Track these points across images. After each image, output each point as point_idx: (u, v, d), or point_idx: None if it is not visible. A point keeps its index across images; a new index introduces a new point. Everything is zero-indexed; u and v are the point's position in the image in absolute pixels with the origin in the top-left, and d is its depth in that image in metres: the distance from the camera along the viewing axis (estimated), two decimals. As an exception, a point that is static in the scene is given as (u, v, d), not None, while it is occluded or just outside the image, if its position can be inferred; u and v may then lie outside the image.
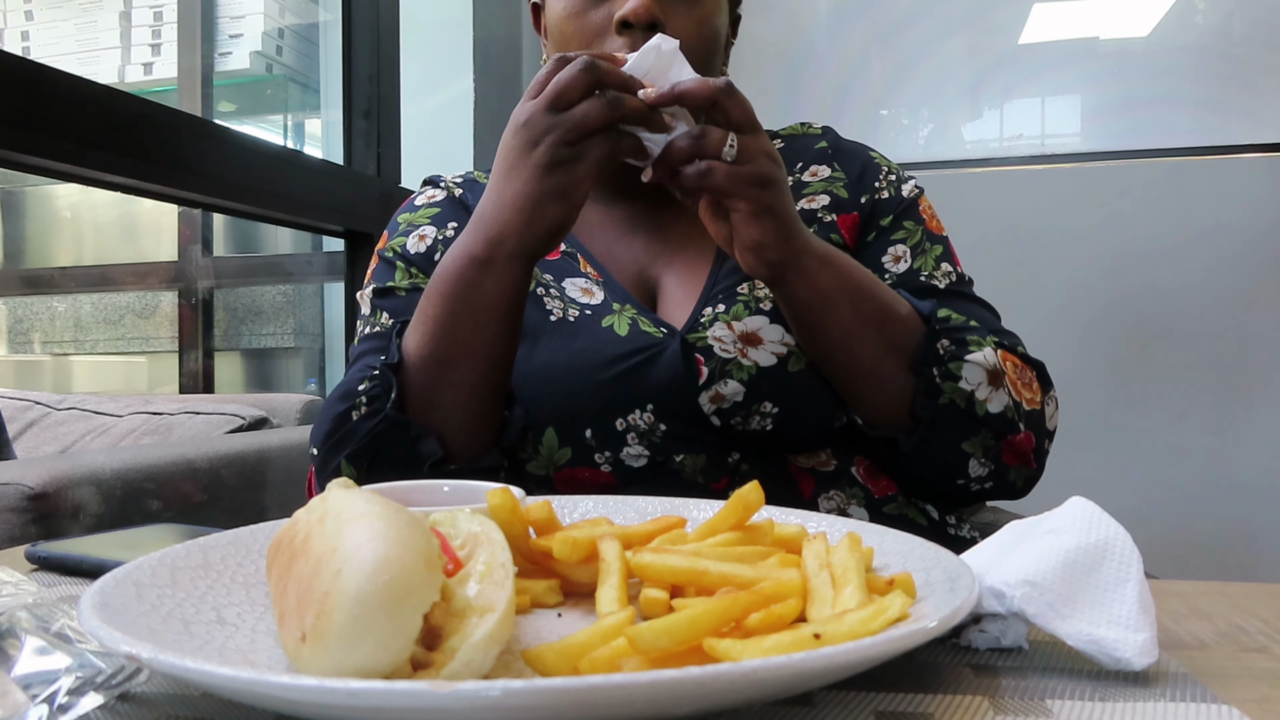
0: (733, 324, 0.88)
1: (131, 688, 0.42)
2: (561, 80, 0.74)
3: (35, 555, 0.69)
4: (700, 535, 0.55)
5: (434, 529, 0.44)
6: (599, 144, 0.75)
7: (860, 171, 1.00)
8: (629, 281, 0.95)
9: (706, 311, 0.89)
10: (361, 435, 0.81)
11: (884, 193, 0.99)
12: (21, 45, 3.16)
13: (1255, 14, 2.37)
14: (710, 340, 0.87)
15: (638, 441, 0.87)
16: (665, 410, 0.86)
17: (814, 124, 1.07)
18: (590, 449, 0.88)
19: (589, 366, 0.87)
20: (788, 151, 1.01)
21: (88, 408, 2.26)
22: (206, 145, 1.59)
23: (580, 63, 0.74)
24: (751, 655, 0.38)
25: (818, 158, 1.01)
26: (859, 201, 0.98)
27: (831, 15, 2.62)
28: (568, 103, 0.74)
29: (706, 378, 0.86)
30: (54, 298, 3.46)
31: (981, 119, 2.54)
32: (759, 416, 0.86)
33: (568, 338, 0.89)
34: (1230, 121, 2.38)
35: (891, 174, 1.01)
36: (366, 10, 2.18)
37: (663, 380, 0.86)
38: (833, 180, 0.99)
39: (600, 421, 0.87)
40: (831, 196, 0.97)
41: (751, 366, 0.86)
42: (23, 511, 1.37)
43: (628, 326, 0.89)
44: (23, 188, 3.53)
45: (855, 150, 1.03)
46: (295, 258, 3.02)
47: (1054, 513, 0.49)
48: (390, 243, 1.00)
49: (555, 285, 0.94)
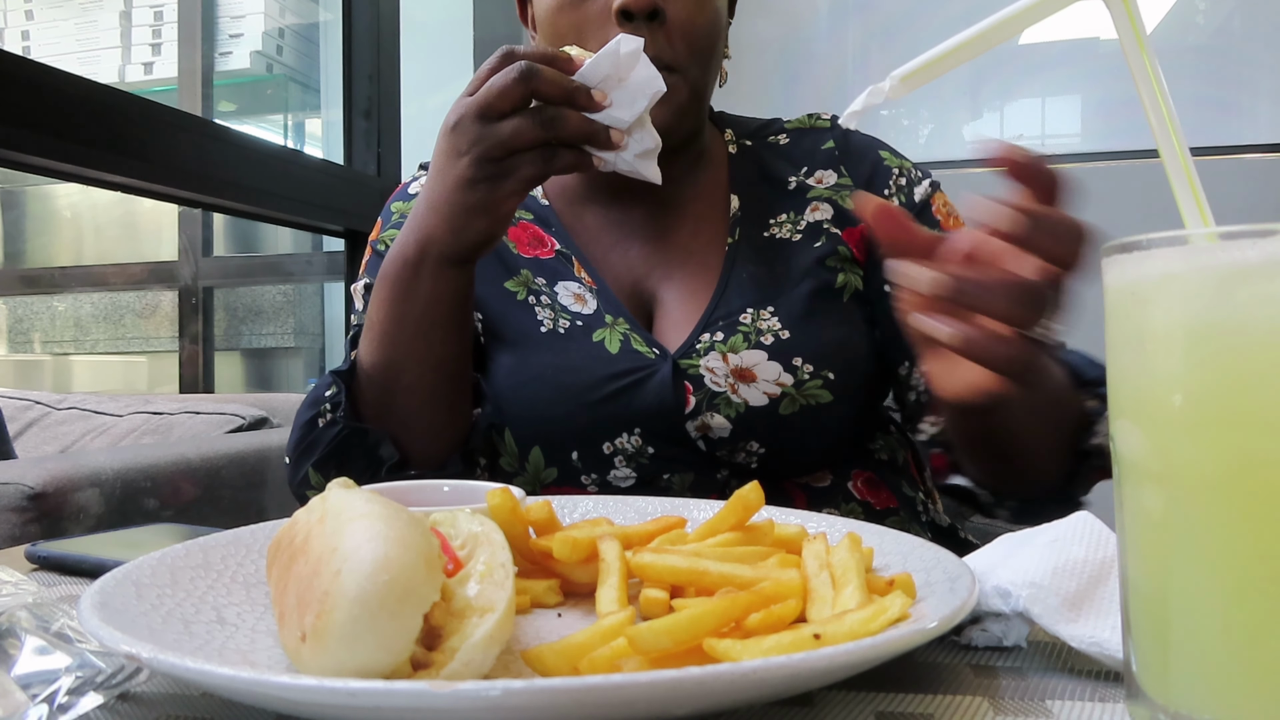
0: (728, 356, 0.83)
1: (131, 688, 0.42)
2: (493, 87, 0.67)
3: (35, 555, 0.69)
4: (700, 535, 0.55)
5: (434, 529, 0.44)
6: (528, 163, 0.68)
7: (869, 177, 0.93)
8: (624, 291, 0.90)
9: (704, 338, 0.85)
10: (325, 443, 0.80)
11: (894, 199, 0.91)
12: (21, 45, 3.16)
13: (1255, 14, 2.37)
14: (702, 370, 0.83)
15: (625, 464, 0.85)
16: (652, 434, 0.84)
17: (823, 115, 0.99)
18: (577, 470, 0.86)
19: (579, 387, 0.84)
20: (794, 150, 0.96)
21: (88, 408, 2.26)
22: (206, 145, 1.59)
23: (515, 70, 0.67)
24: (751, 655, 0.38)
25: (825, 160, 0.94)
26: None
27: (831, 15, 2.62)
28: (498, 113, 0.67)
29: (693, 407, 0.83)
30: (54, 298, 3.46)
31: (981, 119, 2.54)
32: (744, 453, 0.84)
33: (557, 351, 0.86)
34: (1230, 121, 2.38)
35: (902, 176, 0.93)
36: (366, 10, 2.18)
37: (650, 405, 0.83)
38: (839, 189, 0.92)
39: (587, 444, 0.85)
40: (835, 208, 0.91)
41: (741, 404, 0.82)
42: (23, 511, 1.37)
43: (619, 343, 0.85)
44: (23, 188, 3.53)
45: (864, 151, 0.95)
46: (295, 258, 3.02)
47: (1056, 525, 0.49)
48: (383, 233, 0.97)
49: (547, 290, 0.90)
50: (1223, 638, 0.32)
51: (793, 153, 0.96)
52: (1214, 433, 0.31)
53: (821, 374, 0.83)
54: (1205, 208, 0.38)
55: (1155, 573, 0.34)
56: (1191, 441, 0.32)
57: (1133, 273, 0.33)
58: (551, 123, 0.67)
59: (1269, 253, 0.30)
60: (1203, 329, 0.31)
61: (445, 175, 0.71)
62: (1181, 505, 0.32)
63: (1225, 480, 0.31)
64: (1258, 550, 0.31)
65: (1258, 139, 2.37)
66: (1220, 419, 0.31)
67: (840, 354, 0.85)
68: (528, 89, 0.67)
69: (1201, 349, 0.31)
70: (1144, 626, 0.35)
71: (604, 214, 0.94)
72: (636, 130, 0.70)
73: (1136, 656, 0.35)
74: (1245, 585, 0.31)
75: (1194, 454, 0.32)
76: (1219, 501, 0.31)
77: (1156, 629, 0.34)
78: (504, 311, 0.90)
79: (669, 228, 0.93)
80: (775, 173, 0.94)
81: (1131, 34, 0.40)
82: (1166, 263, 0.32)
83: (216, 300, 3.00)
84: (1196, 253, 0.32)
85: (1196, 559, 0.32)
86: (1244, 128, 2.38)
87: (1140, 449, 0.34)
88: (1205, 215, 0.38)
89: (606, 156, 0.70)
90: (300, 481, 0.82)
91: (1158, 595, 0.34)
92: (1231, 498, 0.31)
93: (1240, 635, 0.31)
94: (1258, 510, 0.31)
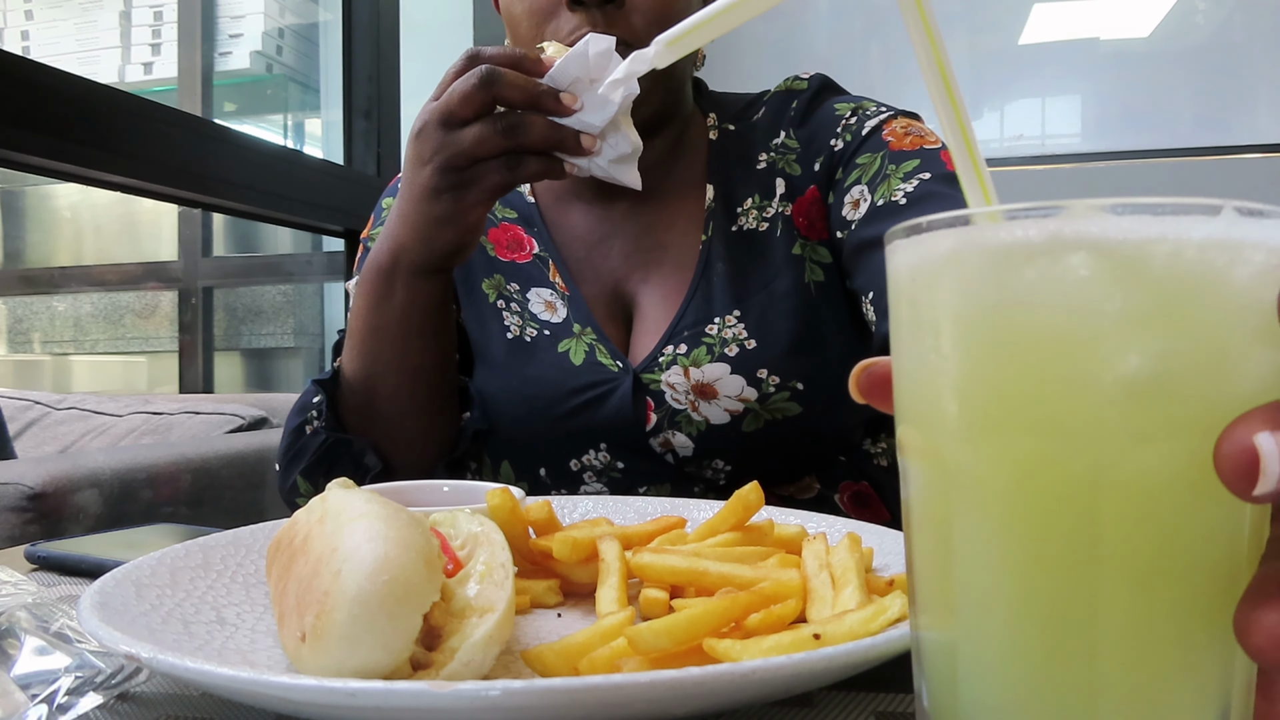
0: (689, 370, 0.79)
1: (131, 688, 0.42)
2: (454, 93, 0.64)
3: (35, 555, 0.69)
4: (700, 535, 0.55)
5: (434, 529, 0.44)
6: (492, 171, 0.66)
7: (813, 132, 0.85)
8: (600, 296, 0.87)
9: (667, 350, 0.81)
10: (311, 451, 0.79)
11: (839, 142, 0.83)
12: (21, 45, 3.16)
13: (1255, 14, 2.37)
14: (663, 385, 0.80)
15: (595, 479, 0.84)
16: (619, 447, 0.82)
17: (804, 74, 0.91)
18: (546, 486, 0.85)
19: (542, 400, 0.82)
20: (767, 122, 0.88)
21: (88, 408, 2.26)
22: (206, 145, 1.59)
23: (477, 75, 0.64)
24: (751, 655, 0.38)
25: (786, 124, 0.87)
26: (812, 170, 0.83)
27: (830, 15, 2.62)
28: (460, 120, 0.65)
29: (654, 424, 0.80)
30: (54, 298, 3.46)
31: (981, 119, 2.54)
32: (711, 470, 0.81)
33: (523, 360, 0.84)
34: (1230, 121, 2.38)
35: (853, 117, 0.84)
36: (366, 10, 2.18)
37: (612, 420, 0.80)
38: (784, 152, 0.85)
39: (555, 462, 0.84)
40: (785, 178, 0.84)
41: (701, 422, 0.79)
42: (23, 511, 1.37)
43: (583, 355, 0.82)
44: (23, 188, 3.53)
45: (820, 106, 0.87)
46: (295, 258, 3.02)
47: None
48: (373, 230, 0.95)
49: (518, 297, 0.87)
50: (1005, 671, 0.28)
51: (765, 125, 0.89)
52: (992, 428, 0.28)
53: (789, 385, 0.79)
54: (989, 186, 0.35)
55: (938, 603, 0.30)
56: (970, 441, 0.28)
57: (915, 257, 0.30)
58: (514, 129, 0.65)
59: (1051, 231, 0.27)
60: (985, 311, 0.28)
61: (412, 184, 0.69)
62: (964, 516, 0.29)
63: (1003, 478, 0.28)
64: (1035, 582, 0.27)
65: (1258, 139, 2.37)
66: (1001, 419, 0.28)
67: (811, 359, 0.80)
68: (489, 95, 0.64)
69: (983, 333, 0.28)
70: (933, 659, 0.31)
71: (588, 210, 0.91)
72: (611, 134, 0.67)
73: (928, 691, 0.32)
74: (1025, 618, 0.28)
75: (974, 452, 0.28)
76: (1002, 512, 0.28)
77: (945, 661, 0.30)
78: (477, 316, 0.89)
79: (650, 224, 0.88)
80: (748, 153, 0.88)
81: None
82: (949, 244, 0.28)
83: (216, 300, 3.00)
84: (978, 233, 0.28)
85: (978, 584, 0.29)
86: (1244, 128, 2.38)
87: (920, 451, 0.30)
88: (988, 194, 0.35)
89: (579, 162, 0.68)
90: (290, 489, 0.82)
91: (944, 638, 0.30)
92: (1016, 507, 0.27)
93: (1024, 667, 0.28)
94: (1042, 527, 0.27)
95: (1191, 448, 0.26)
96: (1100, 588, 0.27)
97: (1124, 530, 0.27)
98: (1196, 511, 0.27)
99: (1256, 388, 0.27)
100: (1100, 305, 0.26)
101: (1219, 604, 0.27)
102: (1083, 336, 0.27)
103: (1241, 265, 0.26)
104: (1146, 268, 0.26)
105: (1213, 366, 0.27)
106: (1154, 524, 0.27)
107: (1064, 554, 0.27)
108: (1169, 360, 0.27)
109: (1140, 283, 0.26)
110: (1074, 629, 0.27)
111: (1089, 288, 0.26)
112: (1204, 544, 0.27)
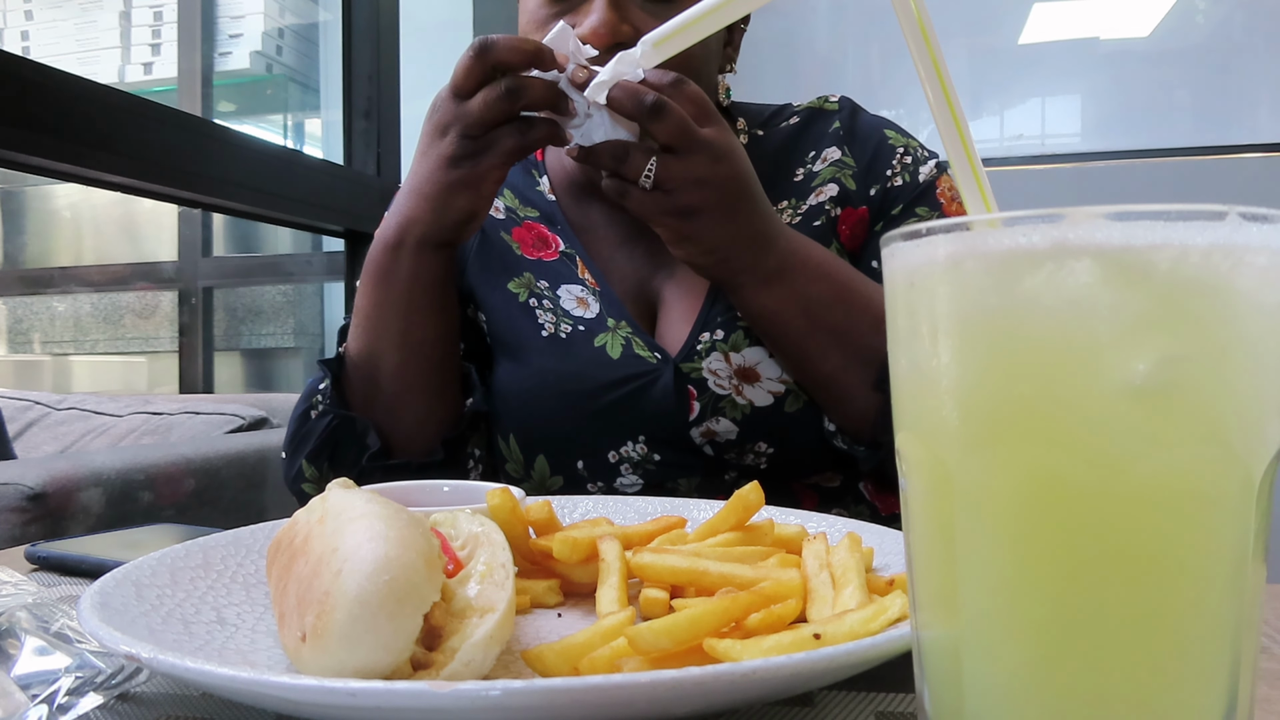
0: (730, 355, 0.82)
1: (131, 688, 0.42)
2: (458, 66, 0.71)
3: (35, 555, 0.69)
4: (700, 535, 0.55)
5: (434, 529, 0.44)
6: (506, 135, 0.71)
7: (872, 157, 0.90)
8: (628, 293, 0.89)
9: (704, 338, 0.83)
10: (317, 434, 0.81)
11: (897, 179, 0.89)
12: (21, 45, 3.16)
13: (1255, 14, 2.37)
14: (705, 373, 0.82)
15: (631, 471, 0.85)
16: (658, 440, 0.83)
17: (832, 97, 0.98)
18: (583, 479, 0.86)
19: (580, 393, 0.84)
20: (802, 135, 0.94)
21: (88, 408, 2.26)
22: (206, 145, 1.59)
23: (472, 47, 0.70)
24: (751, 655, 0.38)
25: (831, 141, 0.92)
26: (868, 193, 0.89)
27: (830, 15, 2.62)
28: (467, 91, 0.71)
29: (698, 413, 0.82)
30: (54, 298, 3.46)
31: (981, 119, 2.54)
32: (753, 455, 0.83)
33: (559, 356, 0.86)
34: (1230, 121, 2.38)
35: (908, 155, 0.91)
36: (366, 10, 2.18)
37: (654, 411, 0.82)
38: (842, 166, 0.90)
39: (593, 454, 0.85)
40: (840, 186, 0.89)
41: (746, 406, 0.81)
42: (23, 511, 1.37)
43: (621, 348, 0.84)
44: (23, 188, 3.53)
45: (870, 131, 0.93)
46: (295, 258, 3.02)
47: None
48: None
49: (550, 294, 0.89)
50: (1009, 673, 0.28)
51: (802, 137, 0.93)
52: (995, 436, 0.28)
53: None
54: (988, 191, 0.34)
55: (940, 605, 0.30)
56: (973, 449, 0.28)
57: (913, 261, 0.30)
58: (516, 91, 0.70)
59: (1055, 237, 0.26)
60: (987, 318, 0.28)
61: (428, 156, 0.74)
62: (968, 526, 0.28)
63: (1009, 484, 0.27)
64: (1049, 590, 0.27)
65: (1258, 139, 2.37)
66: (1004, 426, 0.27)
67: None
68: (487, 61, 0.70)
69: (985, 340, 0.28)
70: (935, 660, 0.31)
71: (610, 212, 0.93)
72: (597, 112, 0.70)
73: (930, 691, 0.31)
74: (1038, 624, 0.27)
75: (976, 460, 0.28)
76: (1006, 521, 0.28)
77: (949, 666, 0.30)
78: (506, 315, 0.90)
79: None
80: (783, 162, 0.92)
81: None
82: (949, 250, 0.28)
83: (216, 300, 3.00)
84: (980, 239, 0.28)
85: (982, 589, 0.28)
86: (1244, 128, 2.38)
87: (920, 456, 0.30)
88: (987, 200, 0.34)
89: (574, 133, 0.72)
90: (295, 475, 0.83)
91: (947, 640, 0.30)
92: (1021, 517, 0.27)
93: (1031, 674, 0.28)
94: (1048, 536, 0.27)
95: (1197, 453, 0.26)
96: (1105, 592, 0.27)
97: (1129, 536, 0.27)
98: (1201, 517, 0.27)
99: (1262, 393, 0.27)
100: (1105, 311, 0.26)
101: (1222, 607, 0.27)
102: (1087, 343, 0.27)
103: (1245, 270, 0.26)
104: (1151, 274, 0.26)
105: (1219, 372, 0.26)
106: (1158, 529, 0.27)
107: (1069, 559, 0.27)
108: (1175, 366, 0.26)
109: (1145, 289, 0.26)
110: (1078, 632, 0.27)
111: (1094, 294, 0.26)
112: (1208, 548, 0.27)
